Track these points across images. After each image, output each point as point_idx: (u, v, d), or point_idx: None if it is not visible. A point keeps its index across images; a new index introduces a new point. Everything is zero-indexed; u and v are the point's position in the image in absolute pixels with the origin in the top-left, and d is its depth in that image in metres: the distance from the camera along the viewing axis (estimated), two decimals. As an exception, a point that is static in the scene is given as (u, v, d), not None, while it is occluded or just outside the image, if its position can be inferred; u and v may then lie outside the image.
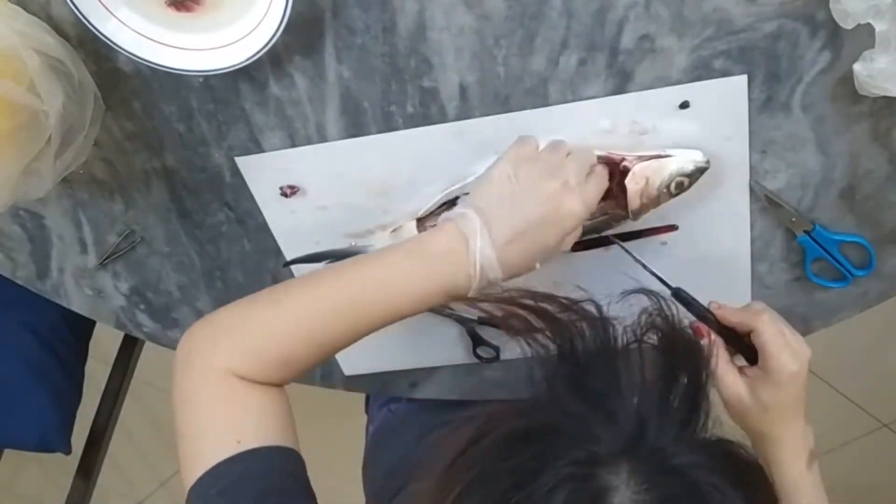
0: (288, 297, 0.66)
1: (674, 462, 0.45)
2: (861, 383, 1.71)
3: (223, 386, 0.62)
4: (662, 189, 0.69)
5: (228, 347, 0.64)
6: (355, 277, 0.66)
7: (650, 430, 0.45)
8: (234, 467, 0.58)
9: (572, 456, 0.44)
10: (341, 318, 0.65)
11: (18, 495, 2.06)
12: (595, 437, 0.45)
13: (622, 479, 0.43)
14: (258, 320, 0.65)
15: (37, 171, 0.68)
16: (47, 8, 0.69)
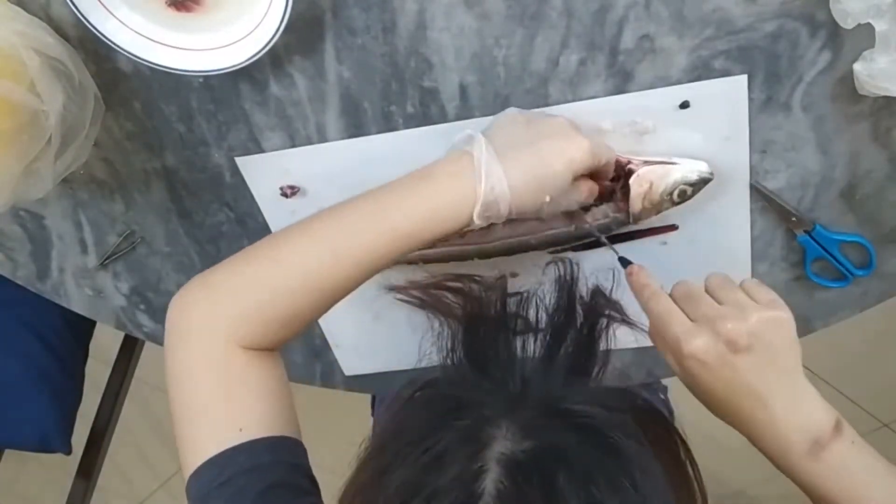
0: (286, 250, 0.62)
1: (560, 406, 0.47)
2: (861, 383, 1.71)
3: (225, 362, 0.60)
4: (665, 196, 0.70)
5: (229, 312, 0.60)
6: (354, 214, 0.62)
7: (534, 383, 0.48)
8: (238, 458, 0.56)
9: (464, 419, 0.47)
10: (345, 261, 0.61)
11: (19, 495, 2.06)
12: (481, 402, 0.48)
13: (501, 430, 0.46)
14: (258, 279, 0.61)
15: (37, 172, 0.68)
16: (47, 8, 0.69)
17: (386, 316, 0.87)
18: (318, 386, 0.96)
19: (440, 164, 0.63)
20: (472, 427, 0.46)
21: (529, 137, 0.63)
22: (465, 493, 0.43)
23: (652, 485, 0.45)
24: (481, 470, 0.44)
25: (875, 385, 1.71)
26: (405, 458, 0.46)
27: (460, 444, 0.46)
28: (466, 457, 0.45)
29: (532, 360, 0.49)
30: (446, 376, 0.52)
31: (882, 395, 1.71)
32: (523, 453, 0.44)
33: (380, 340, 0.90)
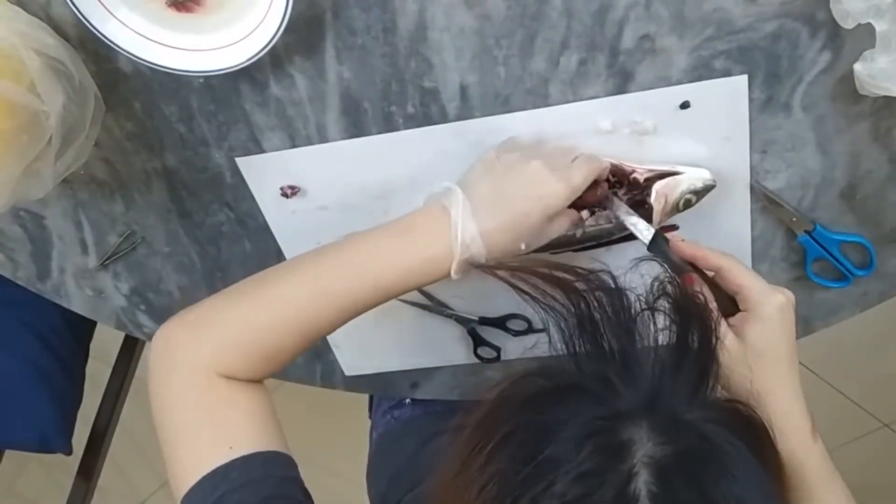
0: (268, 288, 0.64)
1: (687, 417, 0.46)
2: (862, 383, 1.71)
3: (209, 389, 0.62)
4: (672, 205, 0.70)
5: (211, 345, 0.63)
6: (337, 259, 0.65)
7: (665, 390, 0.47)
8: (230, 474, 0.57)
9: (596, 412, 0.46)
10: (324, 303, 0.64)
11: (19, 496, 2.06)
12: (616, 394, 0.47)
13: (643, 432, 0.45)
14: (240, 315, 0.63)
15: (37, 172, 0.68)
16: (48, 8, 0.69)
17: (386, 316, 0.87)
18: (319, 386, 0.96)
19: (420, 218, 0.66)
20: (612, 421, 0.46)
21: (505, 189, 0.65)
22: (618, 495, 0.43)
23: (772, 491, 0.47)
24: (631, 473, 0.43)
25: (875, 385, 1.71)
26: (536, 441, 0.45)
27: (602, 438, 0.45)
28: (612, 455, 0.44)
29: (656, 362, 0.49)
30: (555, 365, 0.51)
31: (882, 395, 1.71)
32: (670, 457, 0.44)
33: (380, 341, 0.90)
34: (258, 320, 0.63)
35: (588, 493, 0.43)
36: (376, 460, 0.98)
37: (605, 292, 0.51)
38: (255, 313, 0.64)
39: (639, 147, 0.70)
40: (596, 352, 0.49)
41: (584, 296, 0.51)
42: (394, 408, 1.00)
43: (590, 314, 0.51)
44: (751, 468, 0.46)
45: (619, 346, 0.49)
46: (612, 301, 0.51)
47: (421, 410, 0.98)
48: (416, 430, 0.95)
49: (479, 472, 0.46)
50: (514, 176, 0.65)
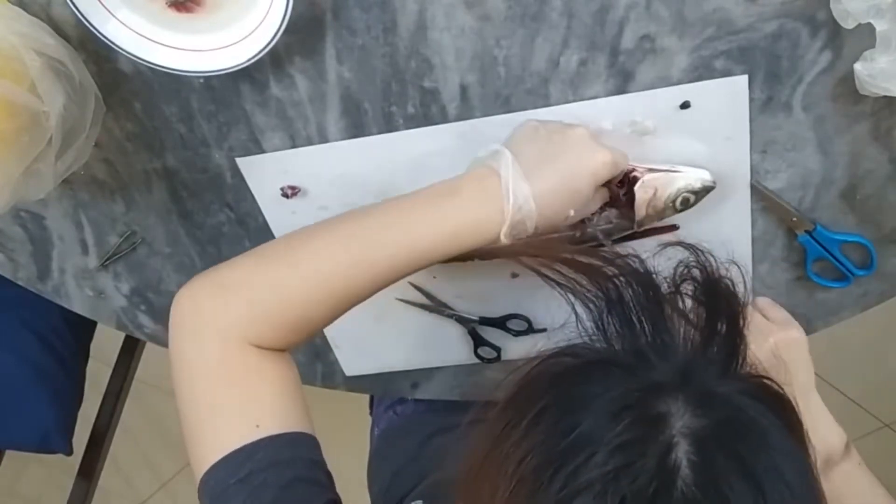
0: (304, 255, 0.61)
1: (720, 391, 0.46)
2: (862, 383, 1.71)
3: (240, 360, 0.59)
4: (669, 203, 0.70)
5: (242, 312, 0.59)
6: (376, 223, 0.62)
7: (698, 365, 0.47)
8: (255, 455, 0.55)
9: (630, 385, 0.46)
10: (364, 272, 0.61)
11: (19, 496, 2.06)
12: (650, 366, 0.47)
13: (679, 404, 0.44)
14: (273, 281, 0.60)
15: (38, 172, 0.68)
16: (48, 9, 0.69)
17: (387, 316, 0.87)
18: (319, 386, 0.96)
19: (466, 180, 0.63)
20: (647, 393, 0.45)
21: (553, 152, 0.63)
22: (659, 464, 0.43)
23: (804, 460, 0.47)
24: (671, 443, 0.43)
25: (875, 385, 1.71)
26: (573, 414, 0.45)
27: (639, 410, 0.44)
28: (650, 425, 0.44)
29: (687, 340, 0.49)
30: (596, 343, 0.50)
31: (882, 395, 1.71)
32: (706, 428, 0.44)
33: (380, 341, 0.90)
34: (293, 289, 0.60)
35: (629, 462, 0.43)
36: (378, 456, 0.98)
37: (633, 275, 0.51)
38: (290, 281, 0.60)
39: (639, 147, 0.70)
40: (627, 330, 0.49)
41: (612, 278, 0.51)
42: (396, 404, 1.00)
43: (619, 295, 0.50)
44: (784, 440, 0.46)
45: (649, 322, 0.49)
46: (642, 283, 0.50)
47: (423, 406, 0.98)
48: (419, 425, 0.95)
49: (515, 446, 0.46)
50: (562, 140, 0.63)
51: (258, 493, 0.54)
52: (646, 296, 0.50)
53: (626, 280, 0.50)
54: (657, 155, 0.70)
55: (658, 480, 0.42)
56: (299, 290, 0.60)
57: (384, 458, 0.96)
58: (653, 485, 0.42)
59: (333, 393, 0.99)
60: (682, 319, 0.49)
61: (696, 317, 0.50)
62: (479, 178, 0.62)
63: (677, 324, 0.49)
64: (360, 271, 0.61)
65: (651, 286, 0.50)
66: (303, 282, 0.60)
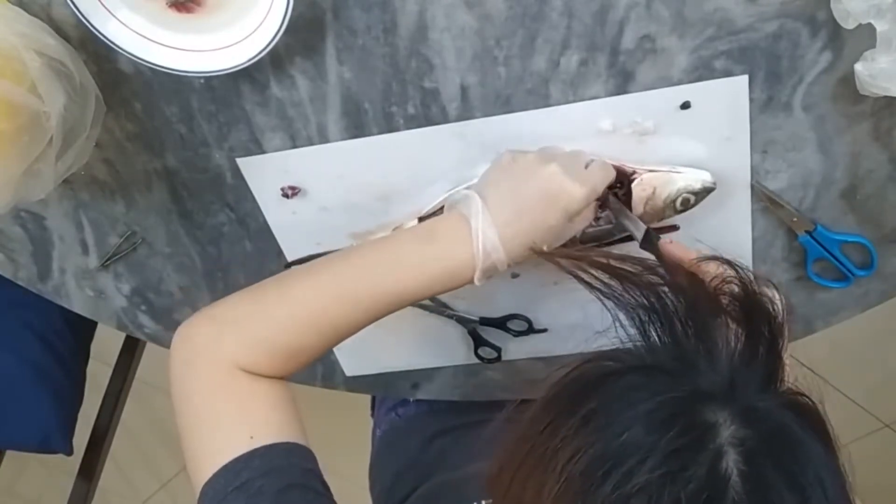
0: (294, 287, 0.66)
1: (761, 405, 0.47)
2: (863, 383, 1.70)
3: (231, 381, 0.62)
4: (668, 203, 0.70)
5: (234, 341, 0.63)
6: (361, 262, 0.66)
7: (741, 379, 0.47)
8: (251, 463, 0.58)
9: (676, 392, 0.46)
10: (349, 305, 0.65)
11: (20, 496, 2.07)
12: (697, 372, 0.47)
13: (725, 415, 0.45)
14: (264, 312, 0.65)
15: (38, 173, 0.68)
16: (48, 9, 0.69)
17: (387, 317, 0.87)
18: (320, 386, 0.96)
19: (442, 226, 0.67)
20: (694, 401, 0.46)
21: (523, 195, 0.65)
22: (710, 472, 0.43)
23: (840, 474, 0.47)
24: (721, 452, 0.44)
25: (876, 385, 1.71)
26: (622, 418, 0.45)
27: (688, 418, 0.45)
28: (699, 433, 0.44)
29: (731, 352, 0.49)
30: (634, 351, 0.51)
31: (884, 396, 1.71)
32: (753, 439, 0.45)
33: (381, 341, 0.90)
34: (282, 319, 0.65)
35: (681, 469, 0.43)
36: (380, 458, 0.98)
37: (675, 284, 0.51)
38: (279, 312, 0.65)
39: (639, 147, 0.70)
40: (670, 338, 0.50)
41: (653, 285, 0.51)
42: (397, 405, 1.00)
43: (662, 303, 0.50)
44: (824, 454, 0.47)
45: (696, 330, 0.49)
46: (686, 290, 0.51)
47: (425, 407, 0.98)
48: (421, 426, 0.95)
49: (563, 444, 0.46)
50: (532, 180, 0.65)
51: (255, 499, 0.56)
52: (689, 304, 0.50)
53: (669, 287, 0.51)
54: (657, 155, 0.70)
55: (710, 488, 0.43)
56: (287, 321, 0.64)
57: (386, 459, 0.96)
58: (705, 492, 0.43)
59: (335, 396, 0.99)
60: (725, 330, 0.50)
61: (737, 332, 0.50)
62: (452, 225, 0.66)
63: (722, 334, 0.49)
64: (344, 306, 0.65)
65: (698, 293, 0.51)
66: (291, 314, 0.64)
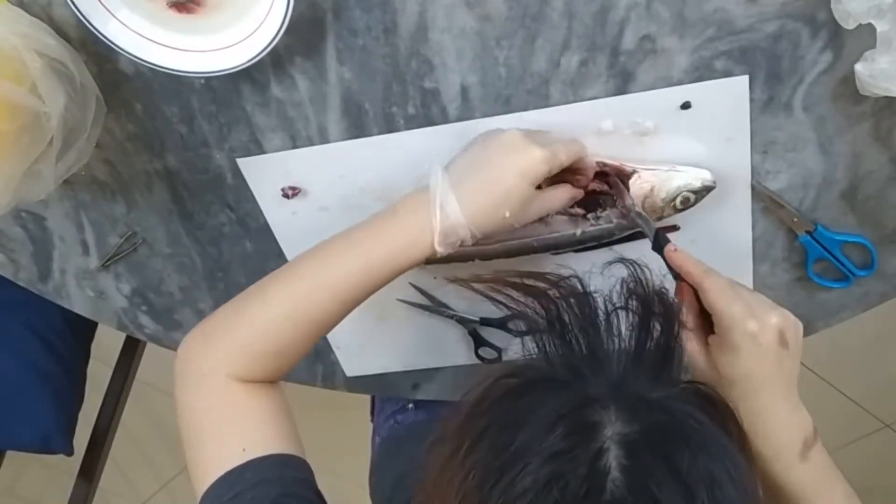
0: (270, 289, 0.67)
1: (652, 397, 0.49)
2: (863, 384, 1.71)
3: (222, 393, 0.64)
4: (667, 201, 0.70)
5: (221, 351, 0.65)
6: (331, 251, 0.67)
7: (630, 375, 0.50)
8: (244, 475, 0.59)
9: (566, 398, 0.48)
10: (324, 295, 0.66)
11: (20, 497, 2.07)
12: (584, 381, 0.49)
13: (610, 413, 0.47)
14: (246, 318, 0.66)
15: (38, 173, 0.68)
16: (49, 10, 0.69)
17: (387, 317, 0.87)
18: (320, 387, 0.96)
19: (404, 199, 0.67)
20: (580, 406, 0.47)
21: (481, 159, 0.66)
22: (590, 469, 0.45)
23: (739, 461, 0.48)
24: (602, 449, 0.45)
25: (877, 385, 1.71)
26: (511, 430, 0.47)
27: (572, 421, 0.47)
28: (582, 435, 0.46)
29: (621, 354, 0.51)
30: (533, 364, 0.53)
31: (884, 396, 1.71)
32: (637, 433, 0.46)
33: (381, 342, 0.90)
34: (262, 320, 0.66)
35: (562, 470, 0.45)
36: (379, 465, 0.98)
37: (573, 296, 0.54)
38: (259, 313, 0.66)
39: (640, 147, 0.70)
40: (565, 348, 0.52)
41: (553, 300, 0.54)
42: (397, 412, 1.00)
43: (559, 315, 0.53)
44: (716, 442, 0.48)
45: (586, 340, 0.52)
46: (580, 303, 0.54)
47: (424, 415, 0.98)
48: (420, 434, 0.95)
49: (459, 466, 0.48)
50: (490, 142, 0.66)
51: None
52: (582, 315, 0.53)
53: (565, 301, 0.54)
54: (658, 155, 0.70)
55: (588, 484, 0.44)
56: (271, 321, 0.66)
57: (385, 467, 0.96)
58: (583, 488, 0.44)
59: (336, 398, 0.99)
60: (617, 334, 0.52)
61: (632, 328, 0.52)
62: (413, 196, 0.66)
63: (613, 338, 0.52)
64: (321, 294, 0.66)
65: (588, 305, 0.53)
66: (274, 313, 0.66)
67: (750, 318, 0.58)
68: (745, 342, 0.58)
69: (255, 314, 0.66)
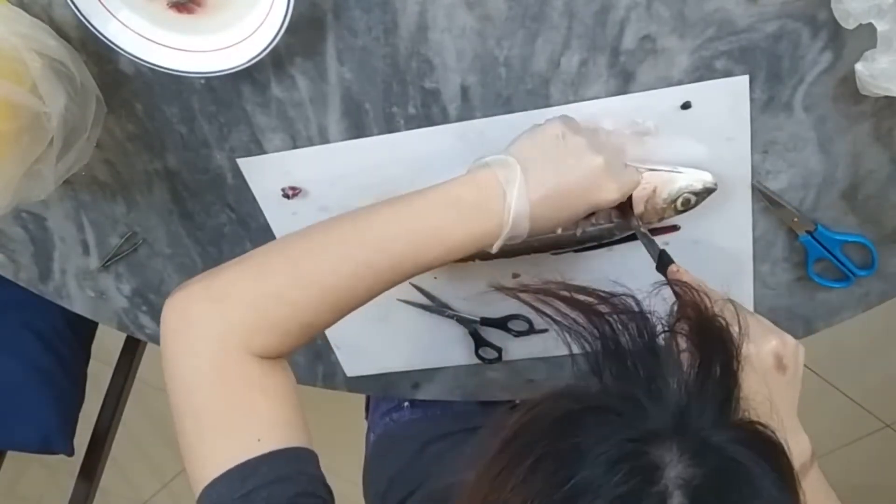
0: (304, 262, 0.61)
1: (714, 440, 0.46)
2: (864, 383, 1.70)
3: (240, 372, 0.58)
4: (669, 202, 0.70)
5: (243, 323, 0.58)
6: (380, 232, 0.62)
7: (692, 412, 0.47)
8: (259, 469, 0.54)
9: (625, 434, 0.46)
10: (368, 276, 0.61)
11: (21, 497, 2.07)
12: (644, 415, 0.47)
13: (673, 454, 0.45)
14: (274, 289, 0.60)
15: (39, 173, 0.68)
16: (49, 10, 0.69)
17: (388, 317, 0.87)
18: (321, 387, 0.96)
19: (468, 188, 0.63)
20: (642, 442, 0.45)
21: (565, 179, 0.63)
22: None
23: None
24: (665, 494, 0.43)
25: (877, 385, 1.71)
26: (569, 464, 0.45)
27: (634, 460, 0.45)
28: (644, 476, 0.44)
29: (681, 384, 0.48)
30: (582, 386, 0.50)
31: (885, 396, 1.71)
32: (700, 478, 0.44)
33: (381, 342, 0.90)
34: (295, 297, 0.60)
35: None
36: (374, 462, 0.98)
37: (628, 315, 0.51)
38: (292, 289, 0.60)
39: (640, 147, 0.70)
40: (622, 373, 0.49)
41: (607, 319, 0.51)
42: (392, 410, 1.00)
43: (614, 336, 0.50)
44: (776, 488, 0.46)
45: (644, 367, 0.49)
46: (636, 324, 0.51)
47: (420, 413, 0.98)
48: (415, 432, 0.95)
49: (513, 492, 0.46)
50: (578, 169, 0.63)
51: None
52: (640, 339, 0.50)
53: (621, 321, 0.51)
54: (658, 155, 0.70)
55: None
56: (303, 300, 0.60)
57: (380, 464, 0.96)
58: None
59: (332, 393, 0.99)
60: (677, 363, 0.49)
61: (691, 358, 0.50)
62: (481, 188, 0.62)
63: (672, 367, 0.49)
64: (362, 278, 0.61)
65: (646, 328, 0.51)
66: (307, 292, 0.60)
67: (746, 342, 0.56)
68: (747, 370, 0.58)
69: (285, 290, 0.60)
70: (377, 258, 0.61)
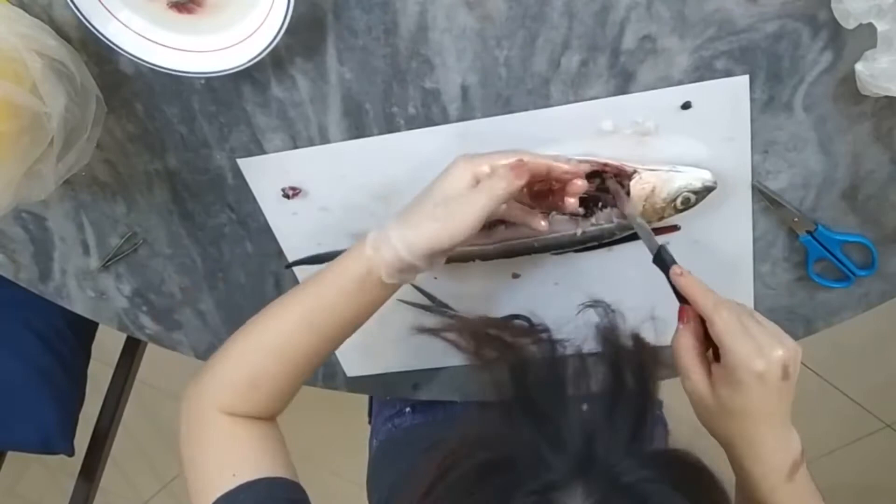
0: (258, 324, 0.69)
1: (624, 480, 0.46)
2: (864, 383, 1.71)
3: (211, 424, 0.66)
4: (668, 201, 0.70)
5: (210, 384, 0.68)
6: (304, 295, 0.68)
7: (599, 447, 0.47)
8: (237, 498, 0.60)
9: (530, 486, 0.46)
10: (308, 332, 0.67)
11: (21, 497, 2.07)
12: (547, 465, 0.47)
13: (577, 499, 0.45)
14: (232, 351, 0.68)
15: (39, 174, 0.68)
16: (49, 10, 0.69)
17: (388, 317, 0.87)
18: (321, 387, 0.96)
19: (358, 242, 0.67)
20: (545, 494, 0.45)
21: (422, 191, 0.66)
22: None
23: None
24: None
25: (878, 385, 1.71)
26: None
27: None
28: None
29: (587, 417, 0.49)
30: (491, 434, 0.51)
31: (885, 396, 1.71)
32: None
33: (381, 342, 0.90)
34: (244, 352, 0.68)
35: None
36: (377, 467, 0.98)
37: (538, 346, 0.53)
38: (242, 347, 0.68)
39: (640, 147, 0.70)
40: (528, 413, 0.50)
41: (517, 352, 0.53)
42: (394, 416, 1.00)
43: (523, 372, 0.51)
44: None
45: (549, 403, 0.50)
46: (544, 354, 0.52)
47: (421, 419, 0.98)
48: (417, 438, 0.95)
49: None
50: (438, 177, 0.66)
51: None
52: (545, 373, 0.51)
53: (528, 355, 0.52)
54: (658, 155, 0.70)
55: None
56: (251, 352, 0.68)
57: (382, 470, 0.96)
58: None
59: (335, 397, 0.99)
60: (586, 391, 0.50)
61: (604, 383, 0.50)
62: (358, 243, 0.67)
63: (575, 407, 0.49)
64: (304, 334, 0.67)
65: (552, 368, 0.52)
66: (253, 346, 0.68)
67: (758, 357, 0.57)
68: (752, 380, 0.58)
69: (237, 349, 0.68)
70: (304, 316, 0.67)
